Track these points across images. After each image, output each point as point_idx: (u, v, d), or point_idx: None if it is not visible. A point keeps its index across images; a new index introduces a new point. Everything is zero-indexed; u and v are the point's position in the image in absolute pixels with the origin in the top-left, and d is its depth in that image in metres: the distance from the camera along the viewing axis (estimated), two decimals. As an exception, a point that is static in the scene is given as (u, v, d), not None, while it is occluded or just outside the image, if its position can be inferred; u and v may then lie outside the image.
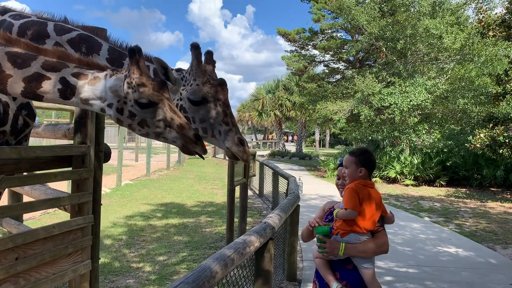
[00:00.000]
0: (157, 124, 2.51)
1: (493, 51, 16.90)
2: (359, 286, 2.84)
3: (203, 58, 2.94)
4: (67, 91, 2.51)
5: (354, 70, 25.98)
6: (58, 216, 9.24)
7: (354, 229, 2.82)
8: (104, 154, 3.54)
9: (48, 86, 2.50)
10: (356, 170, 2.90)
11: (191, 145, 2.50)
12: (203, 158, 2.73)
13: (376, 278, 2.89)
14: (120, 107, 2.50)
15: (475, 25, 18.44)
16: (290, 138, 78.71)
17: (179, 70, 3.01)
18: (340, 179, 3.06)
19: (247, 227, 8.40)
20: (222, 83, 2.91)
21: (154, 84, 2.46)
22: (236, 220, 7.66)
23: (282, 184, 10.16)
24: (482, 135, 14.31)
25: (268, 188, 13.27)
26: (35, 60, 2.50)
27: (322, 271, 2.90)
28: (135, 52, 2.44)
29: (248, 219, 8.91)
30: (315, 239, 2.98)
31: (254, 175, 11.04)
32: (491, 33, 17.10)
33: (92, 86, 2.51)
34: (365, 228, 2.82)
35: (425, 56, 19.55)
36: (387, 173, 18.81)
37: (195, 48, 2.89)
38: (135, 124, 2.52)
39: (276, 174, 11.06)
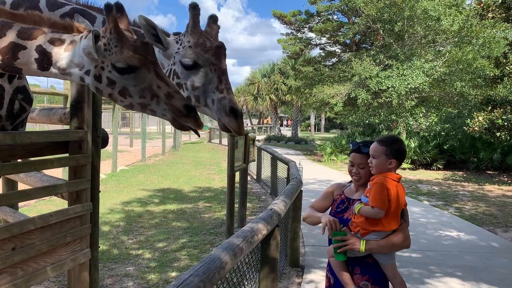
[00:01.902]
0: (141, 94, 2.17)
1: (491, 33, 16.73)
2: (381, 280, 2.69)
3: (205, 23, 2.70)
4: (43, 61, 2.21)
5: (351, 53, 25.72)
6: (54, 203, 9.09)
7: (378, 229, 2.57)
8: (101, 139, 3.39)
9: (25, 56, 2.21)
10: (385, 162, 2.60)
11: (181, 118, 2.17)
12: (199, 135, 2.45)
13: (398, 272, 2.75)
14: (98, 73, 2.18)
15: (473, 7, 18.23)
16: (284, 122, 78.42)
17: (177, 34, 2.75)
18: (354, 166, 2.76)
19: (246, 213, 8.31)
20: (219, 46, 2.61)
21: (134, 45, 2.12)
22: (235, 205, 7.54)
23: (281, 169, 10.04)
24: (480, 118, 14.24)
25: (266, 172, 13.16)
26: (10, 29, 2.21)
27: (338, 271, 2.68)
28: (111, 8, 2.09)
29: (247, 204, 8.80)
30: (320, 225, 2.75)
31: (254, 160, 10.92)
32: (490, 15, 16.93)
33: (69, 52, 2.19)
34: (391, 227, 2.59)
35: (423, 38, 19.34)
36: (384, 157, 18.70)
37: (193, 8, 2.60)
38: (116, 94, 2.19)
39: (275, 159, 10.93)
